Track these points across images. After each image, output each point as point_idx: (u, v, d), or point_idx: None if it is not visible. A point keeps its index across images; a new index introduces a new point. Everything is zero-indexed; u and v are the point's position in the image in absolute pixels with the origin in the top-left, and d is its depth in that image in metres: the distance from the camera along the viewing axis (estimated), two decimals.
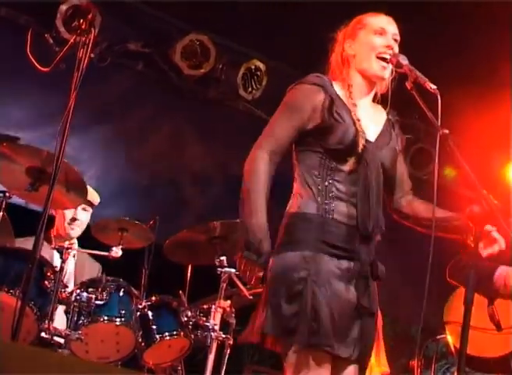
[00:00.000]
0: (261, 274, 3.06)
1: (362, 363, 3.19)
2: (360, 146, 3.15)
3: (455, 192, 6.65)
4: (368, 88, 3.35)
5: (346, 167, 3.17)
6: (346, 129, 3.17)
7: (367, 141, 3.20)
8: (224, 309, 4.73)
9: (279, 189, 3.32)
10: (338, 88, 3.29)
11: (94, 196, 5.28)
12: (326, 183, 3.15)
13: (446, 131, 3.10)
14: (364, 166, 3.18)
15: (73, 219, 5.24)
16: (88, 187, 4.84)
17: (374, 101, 3.42)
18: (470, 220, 2.99)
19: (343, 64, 3.35)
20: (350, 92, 3.27)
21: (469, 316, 2.93)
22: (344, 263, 3.10)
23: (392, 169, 3.33)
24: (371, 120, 3.31)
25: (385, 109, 3.42)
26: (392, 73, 3.34)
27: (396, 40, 3.35)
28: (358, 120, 3.20)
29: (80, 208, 5.19)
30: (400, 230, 3.64)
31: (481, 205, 2.98)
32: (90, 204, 5.27)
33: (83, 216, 5.29)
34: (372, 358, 3.35)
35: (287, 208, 3.24)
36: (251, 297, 4.75)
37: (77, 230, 5.29)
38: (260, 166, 3.13)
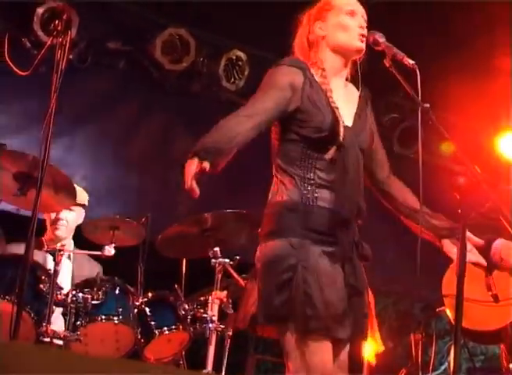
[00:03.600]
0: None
1: (356, 341, 3.23)
2: (341, 135, 3.16)
3: (440, 167, 6.65)
4: (341, 68, 3.31)
5: (328, 155, 3.17)
6: (324, 117, 3.16)
7: (345, 127, 3.20)
8: (221, 300, 4.72)
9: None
10: (314, 73, 3.25)
11: (79, 195, 5.07)
12: (308, 172, 3.15)
13: (427, 105, 3.11)
14: (343, 152, 3.18)
15: (56, 220, 5.15)
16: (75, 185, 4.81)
17: (346, 79, 3.38)
18: (455, 191, 2.99)
19: (310, 47, 3.31)
20: (324, 77, 3.24)
21: (462, 291, 2.93)
22: (329, 248, 3.11)
23: (370, 151, 3.35)
24: (345, 102, 3.29)
25: (357, 88, 3.39)
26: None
27: (365, 20, 3.32)
28: (337, 108, 3.19)
29: None
30: None
31: (466, 176, 2.98)
32: (76, 203, 5.08)
33: (68, 215, 5.16)
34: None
35: (270, 197, 3.24)
36: None
37: (63, 230, 5.18)
38: (230, 118, 3.12)
